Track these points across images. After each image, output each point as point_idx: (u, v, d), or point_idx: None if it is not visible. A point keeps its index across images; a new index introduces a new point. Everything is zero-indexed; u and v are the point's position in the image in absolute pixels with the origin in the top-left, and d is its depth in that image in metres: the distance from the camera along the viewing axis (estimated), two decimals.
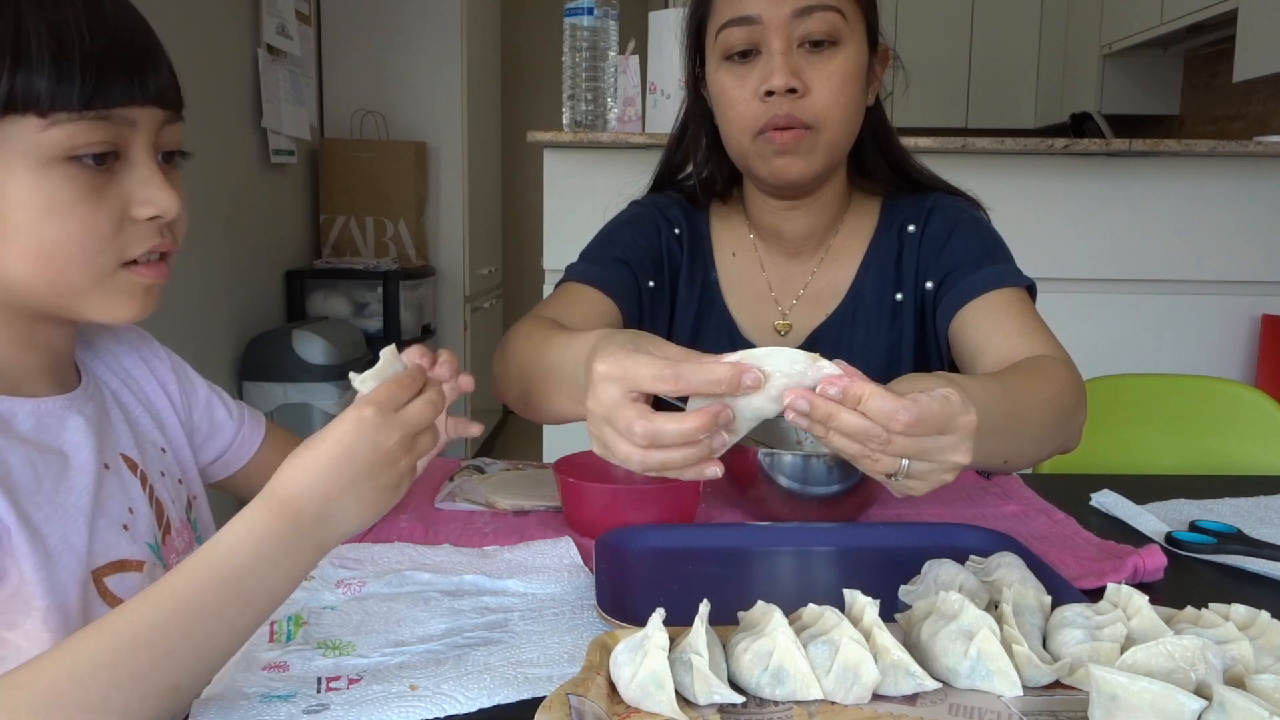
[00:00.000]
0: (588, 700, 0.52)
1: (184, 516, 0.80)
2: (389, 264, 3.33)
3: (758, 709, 0.55)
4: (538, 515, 0.92)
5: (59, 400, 0.71)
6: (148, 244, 0.68)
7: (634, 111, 2.17)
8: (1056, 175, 2.21)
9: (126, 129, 0.64)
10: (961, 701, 0.55)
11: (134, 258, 0.67)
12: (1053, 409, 0.82)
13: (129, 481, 0.74)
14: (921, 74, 4.86)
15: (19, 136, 0.61)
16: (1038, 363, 0.87)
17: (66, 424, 0.70)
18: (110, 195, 0.65)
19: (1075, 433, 0.87)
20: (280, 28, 3.07)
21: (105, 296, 0.67)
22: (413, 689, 0.57)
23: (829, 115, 0.96)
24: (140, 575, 0.70)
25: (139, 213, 0.66)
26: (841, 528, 0.83)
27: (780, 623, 0.56)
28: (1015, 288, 0.98)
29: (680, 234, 1.12)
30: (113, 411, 0.77)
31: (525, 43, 5.01)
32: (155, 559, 0.73)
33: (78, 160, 0.62)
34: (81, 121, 0.61)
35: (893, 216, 1.09)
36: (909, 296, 1.07)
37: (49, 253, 0.63)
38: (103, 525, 0.68)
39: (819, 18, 0.94)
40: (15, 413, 0.67)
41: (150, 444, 0.79)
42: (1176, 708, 0.47)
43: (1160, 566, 0.76)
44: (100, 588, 0.67)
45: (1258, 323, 2.27)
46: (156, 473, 0.78)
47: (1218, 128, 4.02)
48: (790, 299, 1.10)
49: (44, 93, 0.60)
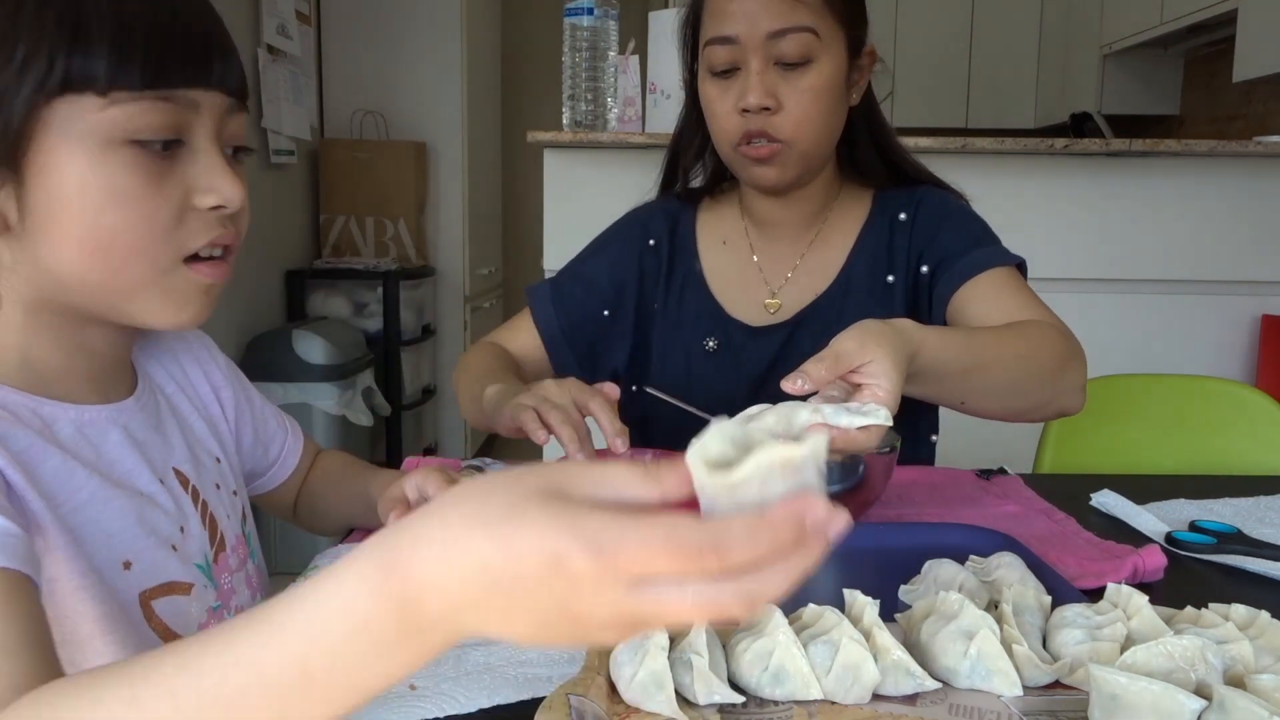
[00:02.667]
0: (588, 700, 0.52)
1: (239, 531, 0.77)
2: (389, 264, 3.33)
3: (758, 709, 0.55)
4: None
5: (103, 410, 0.67)
6: (209, 235, 0.64)
7: (634, 111, 2.17)
8: (1056, 175, 2.21)
9: (190, 113, 0.61)
10: (961, 701, 0.55)
11: (195, 251, 0.63)
12: (1025, 364, 0.89)
13: (181, 498, 0.70)
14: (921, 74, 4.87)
15: (78, 117, 0.57)
16: (1022, 325, 0.95)
17: (107, 437, 0.66)
18: (172, 183, 0.61)
19: (1067, 392, 0.92)
20: (280, 28, 3.07)
21: (162, 296, 0.63)
22: (412, 689, 0.57)
23: (800, 131, 1.03)
24: (187, 599, 0.67)
25: (201, 201, 0.63)
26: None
27: (780, 623, 0.56)
28: (1008, 266, 1.04)
29: (657, 244, 1.19)
30: (167, 421, 0.73)
31: (525, 43, 5.00)
32: (206, 580, 0.70)
33: (140, 144, 0.59)
34: (143, 101, 0.58)
35: (884, 206, 1.14)
36: (900, 280, 1.11)
37: (106, 243, 0.60)
38: (150, 545, 0.65)
39: (792, 39, 1.00)
40: (57, 418, 0.63)
41: (205, 453, 0.76)
42: (1176, 708, 0.47)
43: (1160, 566, 0.76)
44: (147, 611, 0.64)
45: (1258, 323, 2.27)
46: (211, 485, 0.74)
47: (1218, 128, 4.02)
48: (780, 279, 1.15)
49: (103, 70, 0.56)
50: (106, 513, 0.63)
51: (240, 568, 0.75)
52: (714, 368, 1.13)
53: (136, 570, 0.64)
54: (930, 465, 1.18)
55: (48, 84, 0.56)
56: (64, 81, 0.56)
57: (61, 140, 0.58)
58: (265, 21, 2.97)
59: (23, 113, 0.56)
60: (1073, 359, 0.93)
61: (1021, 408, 0.92)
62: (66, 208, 0.59)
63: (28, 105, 0.56)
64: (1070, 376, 0.92)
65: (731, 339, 1.13)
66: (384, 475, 0.85)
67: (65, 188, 0.58)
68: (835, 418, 0.67)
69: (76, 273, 0.61)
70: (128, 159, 0.59)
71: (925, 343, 0.78)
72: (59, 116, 0.57)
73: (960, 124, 4.91)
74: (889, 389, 0.69)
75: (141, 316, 0.64)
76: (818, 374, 0.69)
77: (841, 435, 0.67)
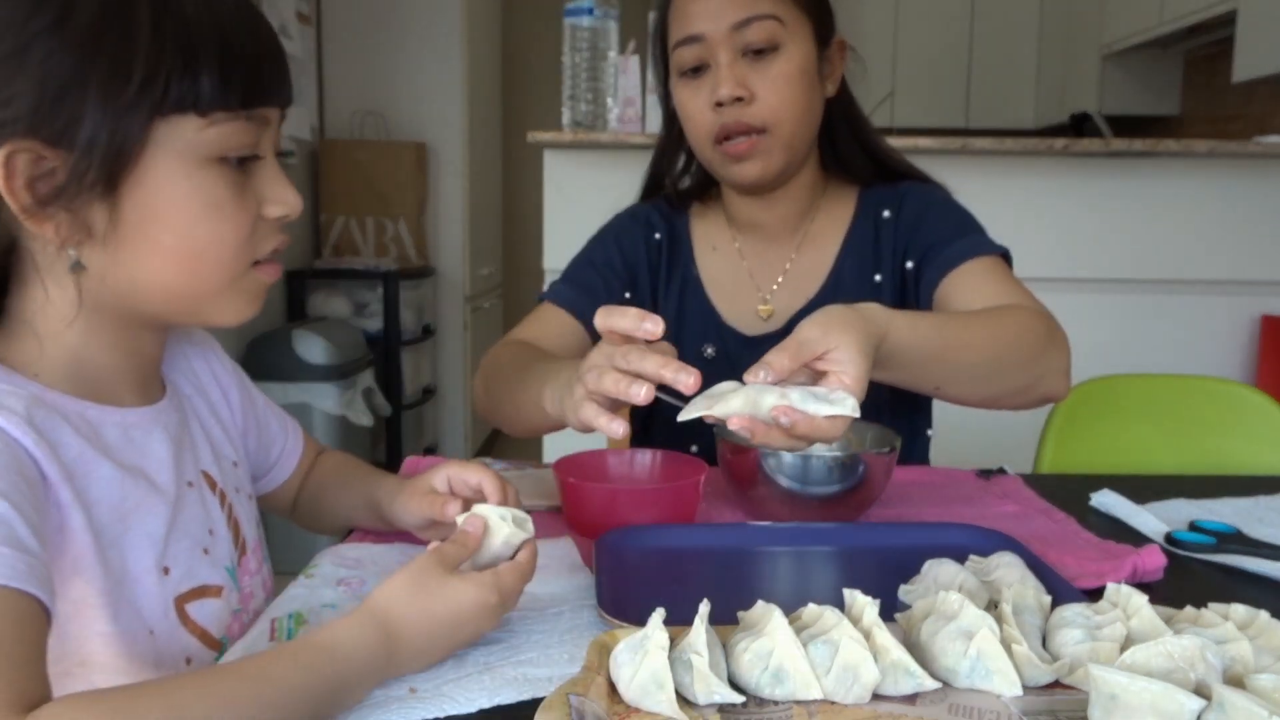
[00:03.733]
0: (588, 700, 0.52)
1: (258, 535, 0.78)
2: (389, 264, 3.33)
3: (758, 709, 0.55)
4: (538, 515, 0.92)
5: (146, 412, 0.69)
6: (274, 241, 0.68)
7: (634, 111, 2.17)
8: (1056, 175, 2.21)
9: (263, 128, 0.65)
10: (961, 701, 0.55)
11: (261, 257, 0.68)
12: (1000, 346, 0.88)
13: (209, 501, 0.72)
14: (921, 74, 4.87)
15: (179, 135, 0.60)
16: (998, 309, 0.93)
17: (152, 438, 0.68)
18: (249, 194, 0.65)
19: (1048, 376, 0.92)
20: (280, 28, 3.07)
21: (232, 297, 0.67)
22: (412, 692, 0.57)
23: (777, 117, 1.01)
24: (219, 601, 0.69)
25: (270, 211, 0.66)
26: (841, 528, 0.83)
27: (780, 623, 0.56)
28: (991, 255, 1.04)
29: (660, 239, 1.18)
30: (192, 424, 0.75)
31: (525, 43, 5.01)
32: (232, 583, 0.71)
33: (225, 160, 0.63)
34: (237, 122, 0.62)
35: (869, 204, 1.14)
36: (887, 278, 1.11)
37: (198, 253, 0.63)
38: (185, 548, 0.67)
39: (756, 27, 1.00)
40: (104, 422, 0.65)
41: (225, 458, 0.77)
42: (1176, 707, 0.47)
43: (1160, 566, 0.76)
44: (182, 615, 0.65)
45: (1258, 323, 2.27)
46: (233, 489, 0.76)
47: (1218, 128, 4.02)
48: (771, 285, 1.15)
49: (207, 93, 0.60)
50: (151, 519, 0.65)
51: (258, 571, 0.76)
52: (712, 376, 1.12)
53: (174, 575, 0.65)
54: (925, 461, 1.18)
55: (163, 105, 0.59)
56: (176, 103, 0.59)
57: (162, 157, 0.60)
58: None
59: (138, 132, 0.59)
60: (1053, 343, 0.92)
61: (1000, 392, 0.91)
62: (161, 220, 0.61)
63: (144, 125, 0.59)
64: (1052, 360, 0.91)
65: (728, 347, 1.13)
66: (388, 479, 0.86)
67: (161, 201, 0.61)
68: (803, 403, 0.68)
69: (161, 280, 0.63)
70: (218, 174, 0.62)
71: (892, 325, 0.77)
72: (162, 135, 0.60)
73: (960, 124, 4.91)
74: (855, 375, 0.69)
75: (212, 317, 0.68)
76: (780, 364, 0.69)
77: (806, 421, 0.67)
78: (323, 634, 0.56)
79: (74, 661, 0.60)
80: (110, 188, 0.59)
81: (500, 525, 0.66)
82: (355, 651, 0.55)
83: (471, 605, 0.60)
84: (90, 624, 0.60)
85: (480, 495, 0.79)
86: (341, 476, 0.90)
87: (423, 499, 0.79)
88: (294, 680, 0.52)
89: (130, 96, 0.58)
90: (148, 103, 0.58)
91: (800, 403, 0.68)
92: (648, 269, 1.18)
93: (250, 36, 0.63)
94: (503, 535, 0.65)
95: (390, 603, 0.59)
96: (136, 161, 0.59)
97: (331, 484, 0.90)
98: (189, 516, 0.68)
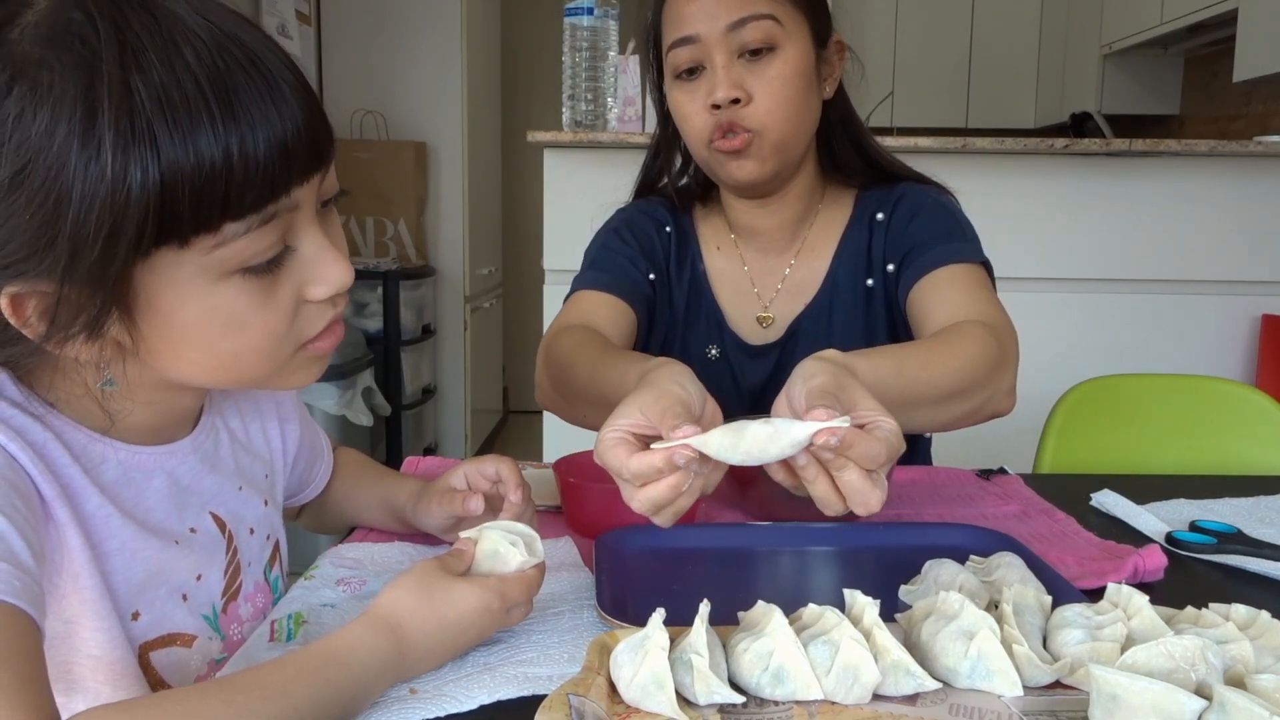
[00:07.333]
0: (588, 700, 0.52)
1: (262, 577, 0.75)
2: (389, 264, 3.33)
3: (758, 709, 0.54)
4: (538, 515, 0.92)
5: (153, 454, 0.66)
6: (324, 320, 0.63)
7: (634, 111, 2.17)
8: (1056, 175, 2.21)
9: (293, 214, 0.58)
10: (961, 701, 0.55)
11: (311, 336, 0.63)
12: (956, 377, 0.85)
13: (211, 545, 0.69)
14: (921, 74, 4.87)
15: (190, 260, 0.54)
16: (951, 331, 0.91)
17: (150, 482, 0.65)
18: (283, 289, 0.59)
19: (995, 397, 0.90)
20: (280, 28, 3.07)
21: (284, 377, 0.64)
22: (413, 693, 0.57)
23: (771, 119, 1.00)
24: (188, 651, 0.66)
25: (314, 294, 0.61)
26: (841, 528, 0.83)
27: (780, 623, 0.56)
28: (968, 264, 1.01)
29: (670, 231, 1.17)
30: (222, 460, 0.72)
31: (525, 43, 5.00)
32: (210, 630, 0.68)
33: (248, 268, 0.57)
34: (251, 233, 0.55)
35: (864, 207, 1.12)
36: (878, 283, 1.10)
37: (226, 364, 0.60)
38: (160, 596, 0.64)
39: (753, 27, 0.98)
40: (105, 458, 0.62)
41: (254, 495, 0.75)
42: (1177, 708, 0.47)
43: (1160, 566, 0.76)
44: (144, 662, 0.63)
45: (1258, 323, 2.27)
46: (246, 530, 0.73)
47: (1218, 128, 4.02)
48: (771, 292, 1.14)
49: (215, 214, 0.53)
50: (133, 564, 0.63)
51: (254, 617, 0.73)
52: (715, 377, 1.12)
53: (143, 622, 0.64)
54: (926, 461, 1.18)
55: (140, 247, 0.52)
56: (156, 241, 0.52)
57: (168, 285, 0.55)
58: (265, 21, 2.97)
59: (123, 280, 0.53)
60: (1003, 362, 0.89)
61: (950, 420, 0.89)
62: (183, 338, 0.58)
63: (122, 272, 0.53)
64: (999, 381, 0.89)
65: (730, 352, 1.13)
66: (407, 481, 0.86)
67: (177, 326, 0.57)
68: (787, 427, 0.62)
69: (199, 380, 0.63)
70: (238, 286, 0.57)
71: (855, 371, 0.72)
72: (159, 266, 0.54)
73: (960, 124, 4.91)
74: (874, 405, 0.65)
75: (263, 390, 0.68)
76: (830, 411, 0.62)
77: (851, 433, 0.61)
78: (336, 644, 0.56)
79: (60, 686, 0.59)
80: (124, 312, 0.55)
81: (513, 552, 0.65)
82: (370, 659, 0.56)
83: (476, 608, 0.61)
84: (80, 645, 0.60)
85: (498, 485, 0.80)
86: (354, 475, 0.90)
87: (444, 498, 0.80)
88: (314, 696, 0.52)
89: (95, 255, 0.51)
90: (120, 253, 0.51)
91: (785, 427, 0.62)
92: (663, 256, 1.16)
93: (273, 140, 0.54)
94: (516, 562, 0.65)
95: (398, 607, 0.59)
96: (138, 295, 0.55)
97: (346, 486, 0.90)
98: (175, 561, 0.65)
